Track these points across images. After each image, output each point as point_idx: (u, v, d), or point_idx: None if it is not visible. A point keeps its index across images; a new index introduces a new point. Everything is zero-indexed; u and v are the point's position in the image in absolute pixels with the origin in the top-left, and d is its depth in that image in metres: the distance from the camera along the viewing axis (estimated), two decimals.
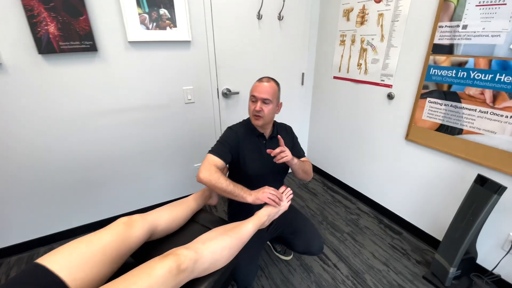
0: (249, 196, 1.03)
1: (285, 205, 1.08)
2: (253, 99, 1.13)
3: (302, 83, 2.29)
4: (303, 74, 2.25)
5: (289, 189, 1.14)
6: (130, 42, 1.48)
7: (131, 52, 1.51)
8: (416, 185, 1.69)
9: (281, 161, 1.04)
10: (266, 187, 1.06)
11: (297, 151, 1.33)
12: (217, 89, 1.87)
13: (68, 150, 1.54)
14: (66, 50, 1.35)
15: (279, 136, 1.09)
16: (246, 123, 1.23)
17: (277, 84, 1.17)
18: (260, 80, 1.14)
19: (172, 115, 1.77)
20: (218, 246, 0.81)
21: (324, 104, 2.29)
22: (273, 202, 1.03)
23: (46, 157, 1.50)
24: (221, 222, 1.07)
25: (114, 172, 1.72)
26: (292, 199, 1.16)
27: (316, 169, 2.59)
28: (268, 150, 1.05)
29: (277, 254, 1.62)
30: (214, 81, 1.83)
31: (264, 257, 1.60)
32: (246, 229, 0.92)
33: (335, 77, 2.11)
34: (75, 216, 1.71)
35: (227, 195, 1.03)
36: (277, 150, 1.04)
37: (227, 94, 1.90)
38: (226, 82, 1.89)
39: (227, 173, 1.33)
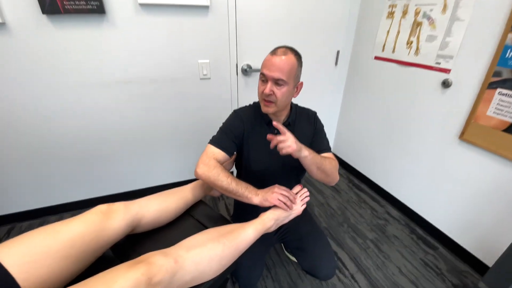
0: (255, 197, 0.85)
1: (298, 209, 0.89)
2: (263, 77, 0.88)
3: (336, 63, 1.99)
4: (338, 52, 1.94)
5: (305, 190, 0.94)
6: (141, 4, 1.32)
7: (142, 16, 1.35)
8: (465, 194, 1.39)
9: (283, 152, 0.80)
10: (277, 186, 0.87)
11: (318, 143, 1.06)
12: (236, 64, 1.66)
13: (72, 120, 1.47)
14: (71, 11, 1.22)
15: (274, 123, 0.82)
16: (255, 107, 1.02)
17: (298, 57, 0.89)
18: (274, 52, 0.87)
19: (185, 91, 1.61)
20: (205, 256, 0.65)
21: (360, 89, 1.99)
22: (284, 205, 0.84)
23: (51, 127, 1.45)
24: (221, 220, 0.91)
25: (120, 148, 1.64)
26: (310, 194, 0.96)
27: (341, 163, 2.33)
28: (268, 136, 0.81)
29: (287, 254, 1.45)
30: (233, 55, 1.62)
31: (273, 255, 1.45)
32: (245, 235, 0.76)
33: (376, 58, 1.79)
34: (82, 189, 1.69)
35: (229, 195, 0.86)
36: (279, 138, 0.79)
37: (248, 71, 1.68)
38: (247, 57, 1.67)
39: (233, 166, 1.14)
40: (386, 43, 1.69)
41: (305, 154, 0.84)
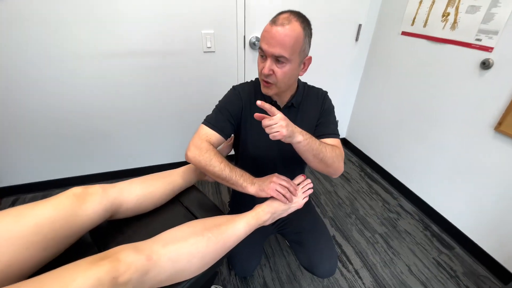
0: (250, 186, 0.75)
1: (299, 202, 0.79)
2: (261, 53, 0.72)
3: (357, 39, 1.78)
4: (359, 26, 1.73)
5: (308, 180, 0.83)
6: None
7: None
8: (492, 191, 1.23)
9: (271, 137, 0.65)
10: (276, 175, 0.77)
11: (322, 127, 0.89)
12: (244, 37, 1.50)
13: (69, 95, 1.40)
14: None
15: (258, 102, 0.64)
16: (256, 83, 0.89)
17: (305, 24, 0.70)
18: (275, 19, 0.69)
19: (186, 65, 1.49)
20: (185, 252, 0.57)
21: (383, 68, 1.78)
22: (282, 197, 0.74)
23: (52, 100, 1.39)
24: (213, 210, 0.82)
25: (120, 124, 1.58)
26: (317, 181, 0.85)
27: (354, 150, 2.18)
28: (256, 115, 0.66)
29: (288, 243, 1.38)
30: (241, 26, 1.46)
31: (273, 243, 1.38)
32: (234, 230, 0.67)
33: (404, 33, 1.57)
34: (85, 164, 1.66)
35: (222, 182, 0.77)
36: (265, 121, 0.64)
37: (256, 44, 1.53)
38: (256, 29, 1.50)
39: (231, 150, 1.04)
40: (416, 16, 1.47)
41: (299, 139, 0.68)
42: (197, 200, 0.84)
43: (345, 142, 2.30)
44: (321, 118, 0.89)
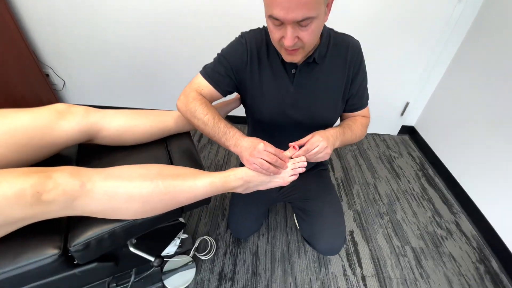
0: (234, 147, 0.65)
1: (284, 178, 0.64)
2: (276, 22, 0.55)
3: None
4: None
5: (302, 158, 0.65)
6: None
7: None
8: None
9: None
10: (261, 144, 0.61)
11: (358, 99, 0.76)
12: None
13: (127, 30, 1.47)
14: None
15: (291, 146, 0.65)
16: (267, 33, 0.69)
17: None
18: None
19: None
20: (124, 192, 0.53)
21: (497, 39, 1.28)
22: (262, 171, 0.61)
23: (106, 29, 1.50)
24: (193, 162, 0.72)
25: (173, 66, 1.63)
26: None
27: (420, 143, 1.76)
28: (290, 145, 0.66)
29: (294, 212, 1.25)
30: None
31: (279, 216, 1.28)
32: (191, 185, 0.58)
33: None
34: (136, 98, 1.81)
35: (209, 137, 0.68)
36: (310, 156, 0.64)
37: None
38: None
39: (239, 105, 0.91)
40: None
41: (336, 146, 0.69)
42: (183, 148, 0.77)
43: (411, 132, 1.87)
44: (355, 84, 0.73)
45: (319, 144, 0.62)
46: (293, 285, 1.02)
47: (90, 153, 0.73)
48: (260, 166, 0.60)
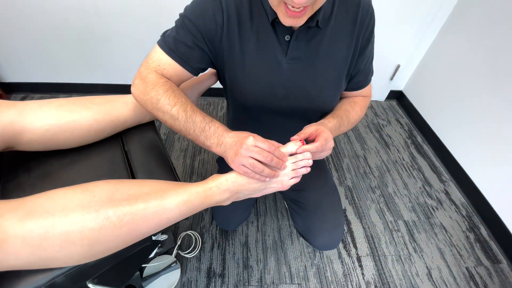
0: (216, 147, 0.48)
1: (283, 182, 0.50)
2: None
3: None
4: None
5: (306, 154, 0.50)
6: None
7: None
8: None
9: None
10: (250, 138, 0.45)
11: (363, 76, 0.61)
12: None
13: None
14: None
15: (293, 139, 0.50)
16: None
17: None
18: None
19: None
20: (57, 234, 0.36)
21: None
22: (253, 175, 0.46)
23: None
24: (161, 163, 0.58)
25: (122, 30, 1.31)
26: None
27: (408, 108, 1.68)
28: (292, 139, 0.51)
29: (286, 202, 1.17)
30: None
31: (269, 201, 1.18)
32: (159, 208, 0.42)
33: None
34: (86, 72, 1.52)
35: (181, 134, 0.50)
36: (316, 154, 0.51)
37: None
38: None
39: (215, 82, 0.71)
40: None
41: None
42: (146, 145, 0.59)
43: (399, 96, 1.78)
44: (364, 56, 0.57)
45: (328, 140, 0.48)
46: (288, 275, 0.96)
47: (15, 163, 0.53)
48: (252, 169, 0.44)
